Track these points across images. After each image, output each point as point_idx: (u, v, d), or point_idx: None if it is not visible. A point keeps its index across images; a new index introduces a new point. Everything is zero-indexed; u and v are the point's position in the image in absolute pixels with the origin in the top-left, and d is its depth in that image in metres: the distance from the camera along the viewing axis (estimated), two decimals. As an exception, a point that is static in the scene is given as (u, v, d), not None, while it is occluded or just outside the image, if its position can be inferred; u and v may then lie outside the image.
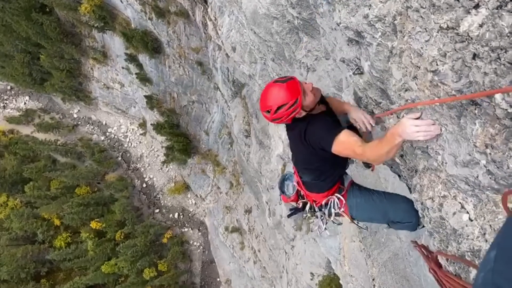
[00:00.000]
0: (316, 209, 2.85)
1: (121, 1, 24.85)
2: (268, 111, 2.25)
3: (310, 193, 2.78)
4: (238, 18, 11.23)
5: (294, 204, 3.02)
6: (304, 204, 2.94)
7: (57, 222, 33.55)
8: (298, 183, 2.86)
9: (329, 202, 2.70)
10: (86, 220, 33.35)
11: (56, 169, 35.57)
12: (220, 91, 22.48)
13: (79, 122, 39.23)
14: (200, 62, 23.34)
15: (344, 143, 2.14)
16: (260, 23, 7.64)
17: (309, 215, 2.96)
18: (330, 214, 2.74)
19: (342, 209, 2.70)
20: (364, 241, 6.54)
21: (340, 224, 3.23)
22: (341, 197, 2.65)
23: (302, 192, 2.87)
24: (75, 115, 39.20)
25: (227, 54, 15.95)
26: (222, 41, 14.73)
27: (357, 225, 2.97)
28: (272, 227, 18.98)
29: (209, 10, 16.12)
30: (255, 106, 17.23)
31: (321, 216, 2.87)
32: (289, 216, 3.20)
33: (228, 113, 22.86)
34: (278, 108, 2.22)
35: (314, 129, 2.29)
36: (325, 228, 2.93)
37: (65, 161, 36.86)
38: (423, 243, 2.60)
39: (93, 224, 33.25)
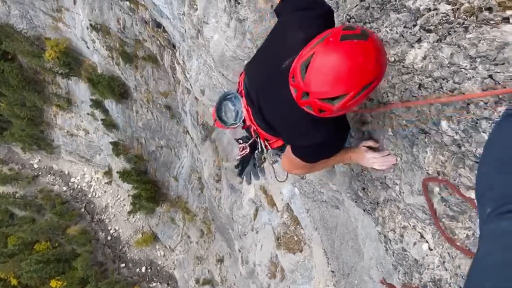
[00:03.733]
0: (266, 151, 2.08)
1: (88, 47, 24.99)
2: (337, 98, 1.27)
3: (264, 132, 1.98)
4: (207, 61, 11.54)
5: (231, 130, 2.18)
6: (253, 146, 2.13)
7: (14, 281, 30.92)
8: (248, 111, 1.99)
9: None
10: (46, 278, 30.82)
11: (14, 223, 33.41)
12: (190, 135, 22.40)
13: (40, 173, 37.42)
14: (168, 106, 23.40)
15: (297, 163, 1.76)
16: (228, 65, 7.88)
17: (261, 163, 2.16)
18: None
19: None
20: (338, 284, 6.39)
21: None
22: None
23: (252, 127, 2.03)
24: (35, 165, 37.43)
25: (196, 98, 16.12)
26: (190, 84, 14.97)
27: None
28: (245, 277, 18.23)
29: (177, 54, 16.51)
30: (226, 149, 17.20)
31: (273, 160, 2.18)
32: (240, 174, 2.30)
33: (198, 157, 22.67)
34: (363, 88, 1.26)
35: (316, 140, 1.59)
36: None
37: (24, 215, 34.67)
38: (392, 283, 2.55)
39: (53, 283, 30.70)
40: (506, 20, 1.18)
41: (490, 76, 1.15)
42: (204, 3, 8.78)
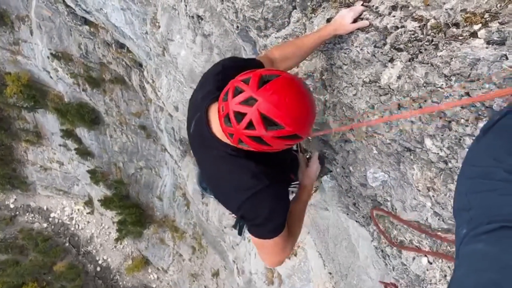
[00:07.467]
0: None
1: (51, 77, 24.41)
2: (276, 126, 1.14)
3: None
4: (176, 78, 11.45)
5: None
6: None
7: (1, 331, 29.54)
8: None
9: None
10: (37, 321, 29.72)
11: (-3, 269, 32.09)
12: (168, 152, 22.11)
13: (17, 212, 36.00)
14: (143, 126, 23.09)
15: (276, 246, 1.41)
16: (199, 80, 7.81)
17: None
18: None
19: None
20: (337, 286, 6.39)
21: None
22: None
23: None
24: (11, 205, 36.00)
25: (170, 114, 15.94)
26: (163, 101, 14.82)
27: None
28: (243, 287, 18.07)
29: (145, 73, 16.33)
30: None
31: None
32: (240, 233, 2.20)
33: (180, 173, 22.39)
34: (287, 137, 1.18)
35: (263, 205, 1.33)
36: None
37: (6, 258, 33.27)
38: (391, 281, 2.56)
39: (44, 325, 29.58)
40: (474, 35, 1.19)
41: (467, 94, 1.15)
42: (166, 20, 8.68)
